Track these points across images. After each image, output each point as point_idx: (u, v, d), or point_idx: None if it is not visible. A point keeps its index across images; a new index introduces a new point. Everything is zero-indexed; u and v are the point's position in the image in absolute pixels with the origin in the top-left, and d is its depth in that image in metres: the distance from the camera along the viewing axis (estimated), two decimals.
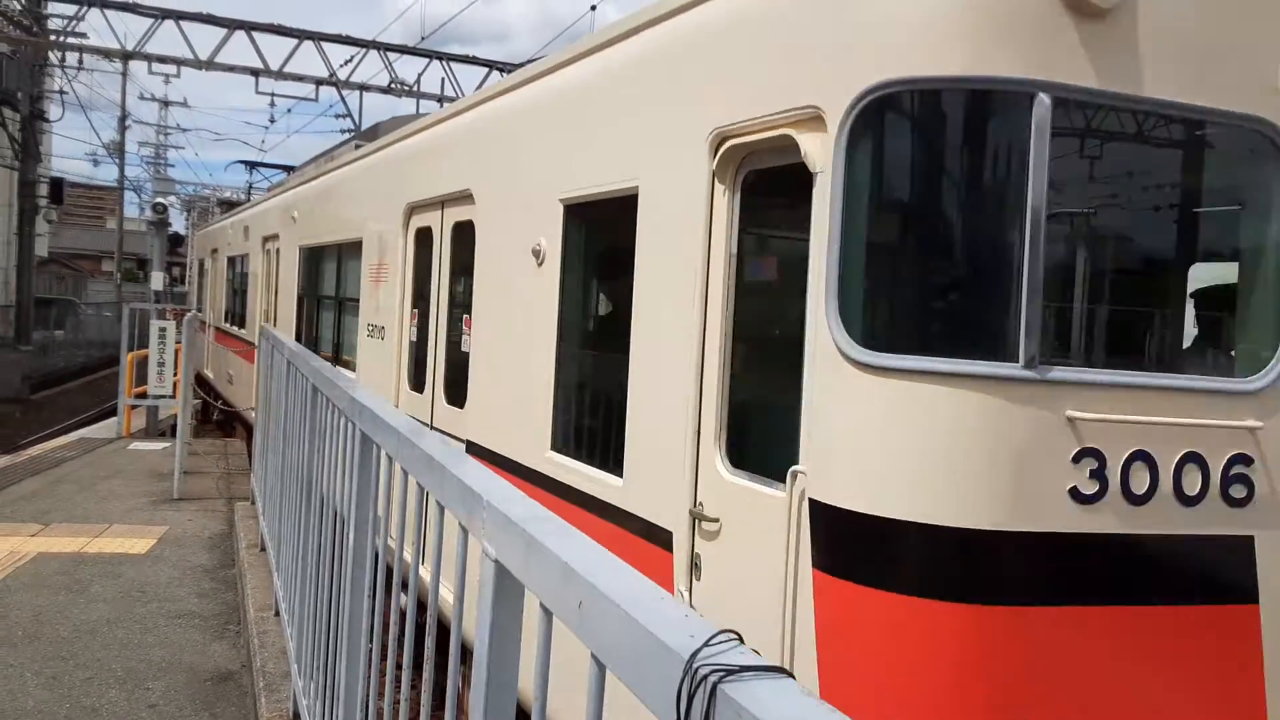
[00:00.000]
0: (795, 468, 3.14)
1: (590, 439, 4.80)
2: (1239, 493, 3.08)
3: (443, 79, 27.84)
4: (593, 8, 24.80)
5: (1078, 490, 2.92)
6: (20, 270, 30.17)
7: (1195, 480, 3.03)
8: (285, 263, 12.23)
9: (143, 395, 15.14)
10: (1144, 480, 2.99)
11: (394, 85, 26.56)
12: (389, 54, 26.39)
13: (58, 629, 6.45)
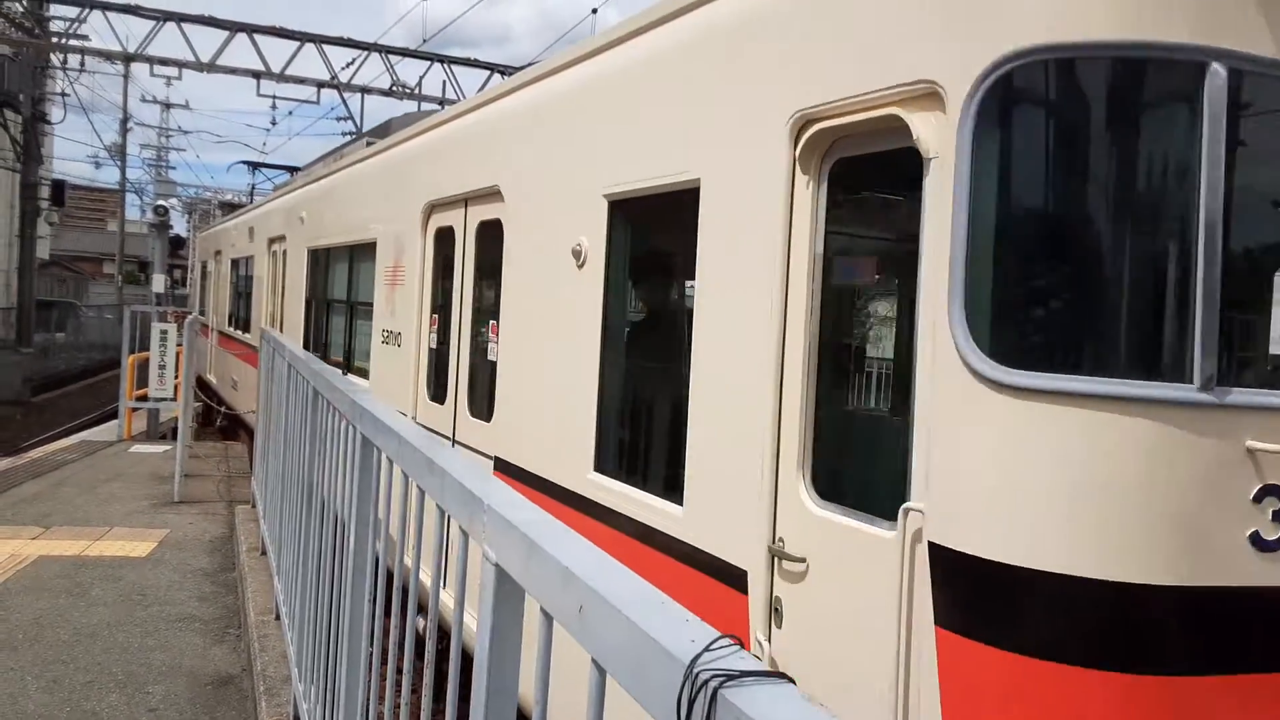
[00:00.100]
0: (909, 505, 2.71)
1: (642, 460, 4.39)
2: None
3: (444, 81, 27.88)
4: (594, 11, 24.87)
5: (1259, 536, 2.49)
6: (22, 272, 30.22)
7: None
8: (292, 265, 11.91)
9: (144, 398, 15.15)
10: None
11: (395, 88, 26.64)
12: (390, 57, 26.48)
13: (58, 632, 6.44)
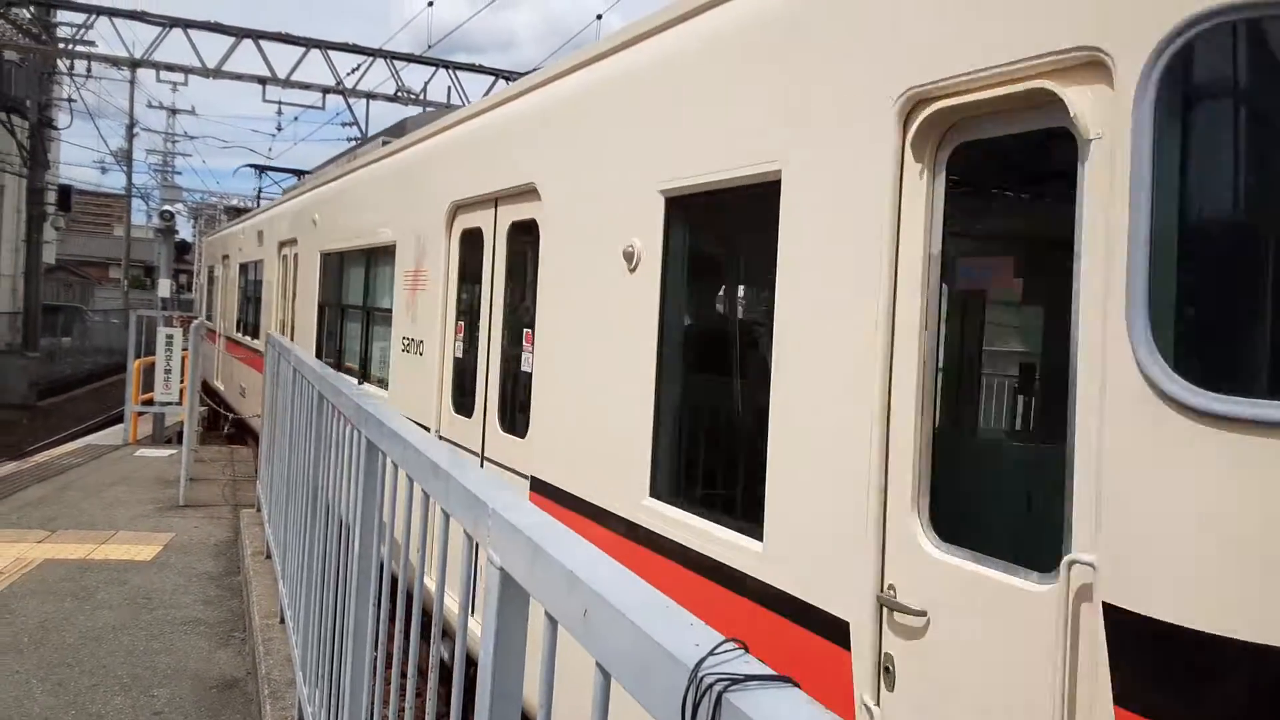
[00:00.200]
0: (1073, 557, 2.29)
1: (709, 486, 3.96)
2: None
3: (449, 87, 27.95)
4: (599, 17, 24.95)
5: None
6: (28, 277, 30.30)
7: None
8: (304, 270, 11.49)
9: (149, 402, 15.18)
10: None
11: (400, 93, 26.68)
12: (396, 62, 26.51)
13: (63, 635, 6.46)
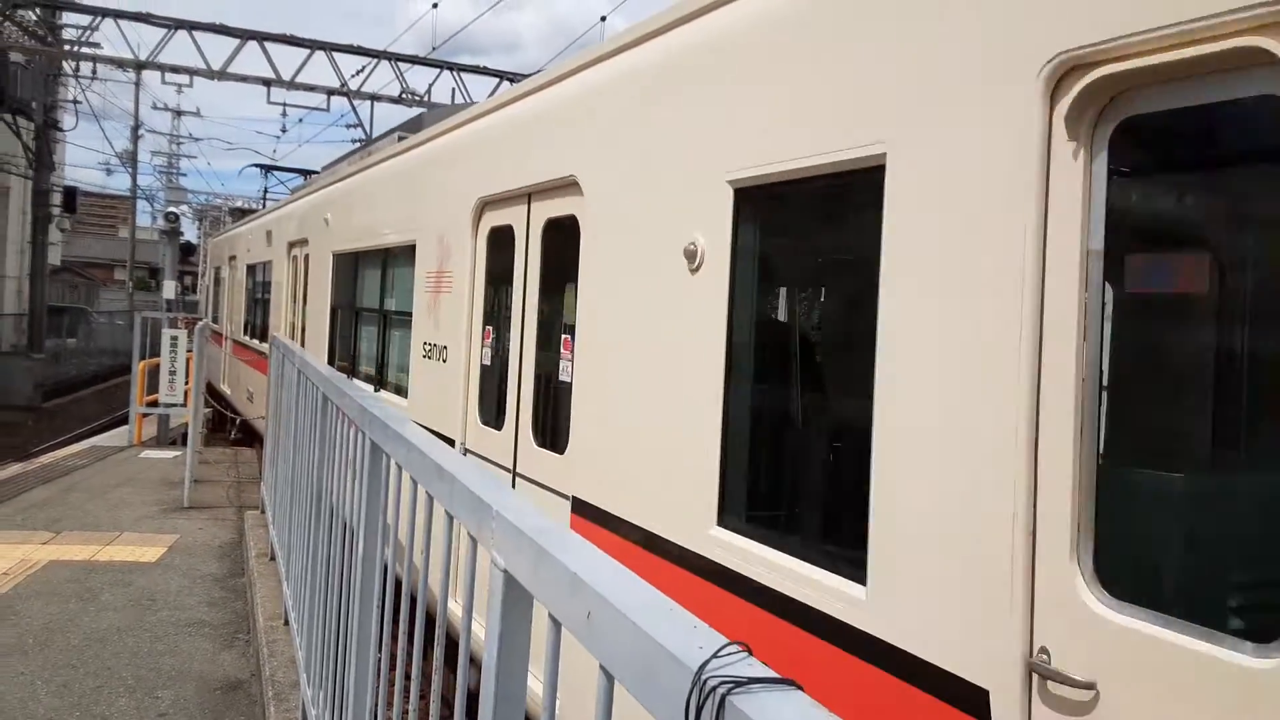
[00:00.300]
0: None
1: (792, 516, 3.50)
2: None
3: (453, 89, 27.98)
4: (603, 19, 24.99)
5: None
6: (33, 278, 30.37)
7: None
8: (316, 271, 11.02)
9: (154, 403, 15.21)
10: None
11: (405, 95, 26.72)
12: (400, 64, 26.56)
13: (68, 637, 6.47)
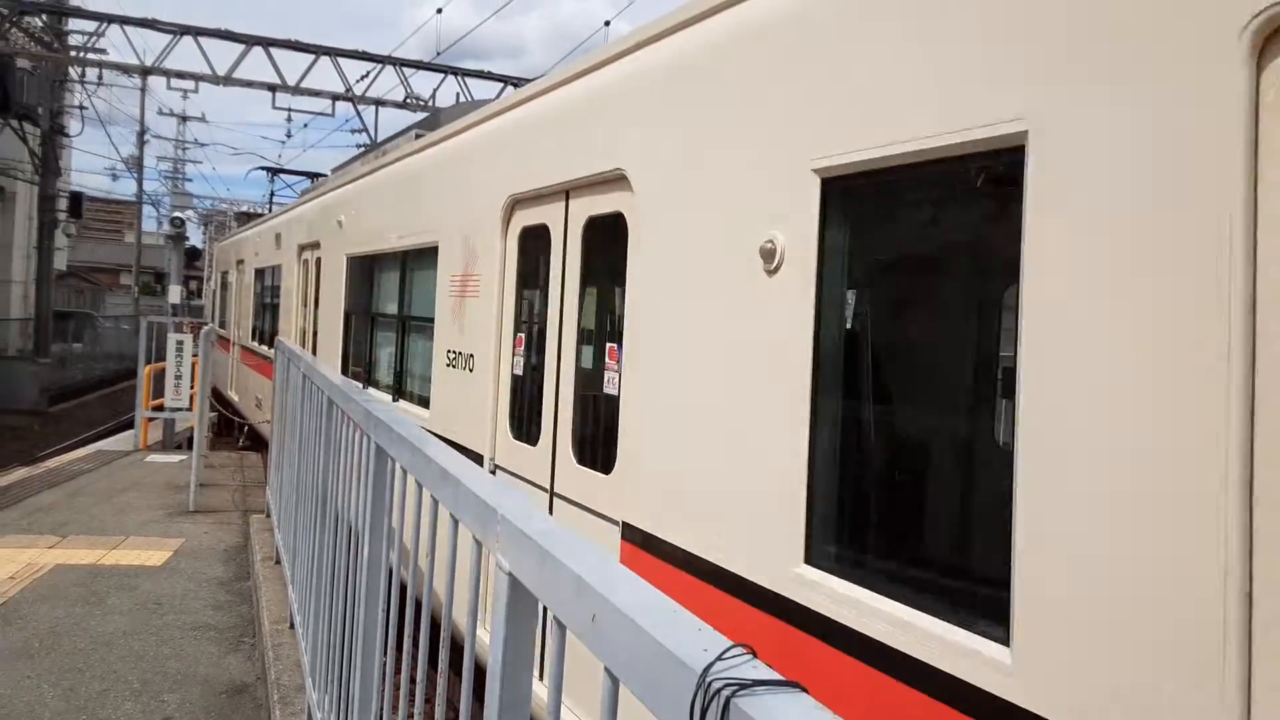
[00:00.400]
0: None
1: (907, 558, 3.06)
2: None
3: (457, 94, 28.02)
4: (606, 23, 25.04)
5: None
6: (39, 283, 30.46)
7: None
8: (328, 275, 10.59)
9: (160, 408, 15.25)
10: None
11: (409, 100, 26.77)
12: (404, 69, 26.62)
13: (75, 640, 6.48)
